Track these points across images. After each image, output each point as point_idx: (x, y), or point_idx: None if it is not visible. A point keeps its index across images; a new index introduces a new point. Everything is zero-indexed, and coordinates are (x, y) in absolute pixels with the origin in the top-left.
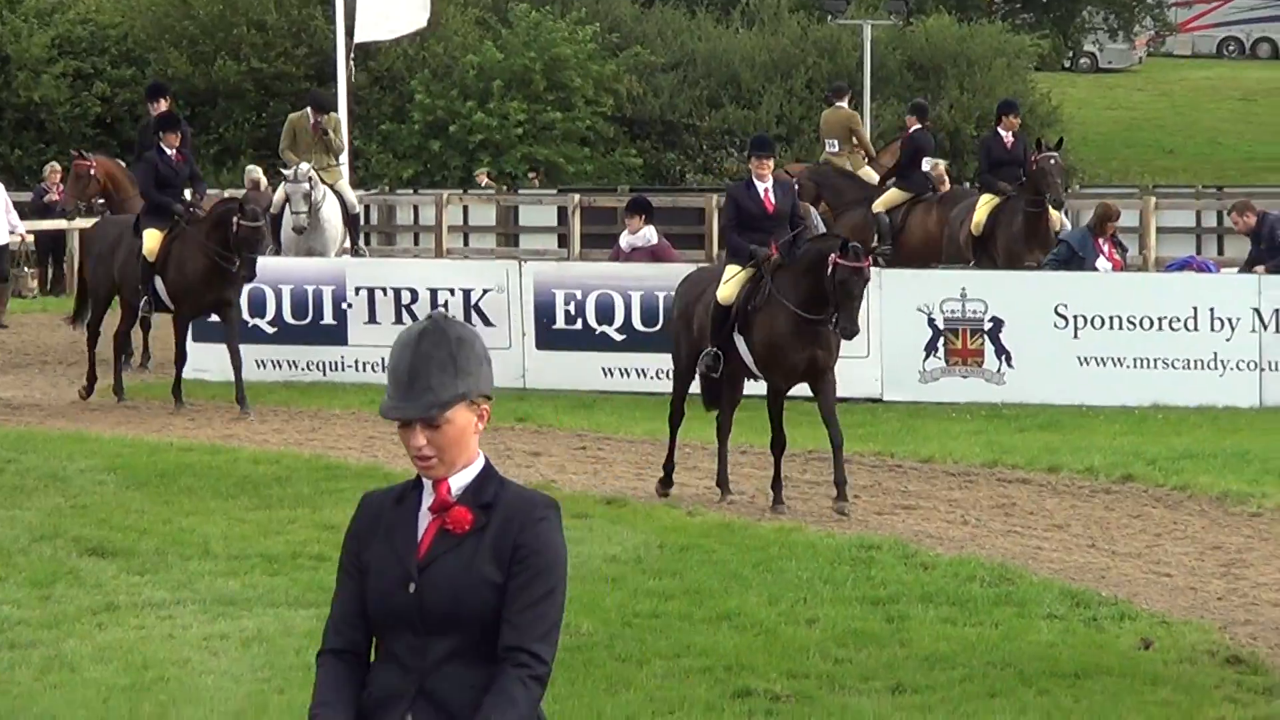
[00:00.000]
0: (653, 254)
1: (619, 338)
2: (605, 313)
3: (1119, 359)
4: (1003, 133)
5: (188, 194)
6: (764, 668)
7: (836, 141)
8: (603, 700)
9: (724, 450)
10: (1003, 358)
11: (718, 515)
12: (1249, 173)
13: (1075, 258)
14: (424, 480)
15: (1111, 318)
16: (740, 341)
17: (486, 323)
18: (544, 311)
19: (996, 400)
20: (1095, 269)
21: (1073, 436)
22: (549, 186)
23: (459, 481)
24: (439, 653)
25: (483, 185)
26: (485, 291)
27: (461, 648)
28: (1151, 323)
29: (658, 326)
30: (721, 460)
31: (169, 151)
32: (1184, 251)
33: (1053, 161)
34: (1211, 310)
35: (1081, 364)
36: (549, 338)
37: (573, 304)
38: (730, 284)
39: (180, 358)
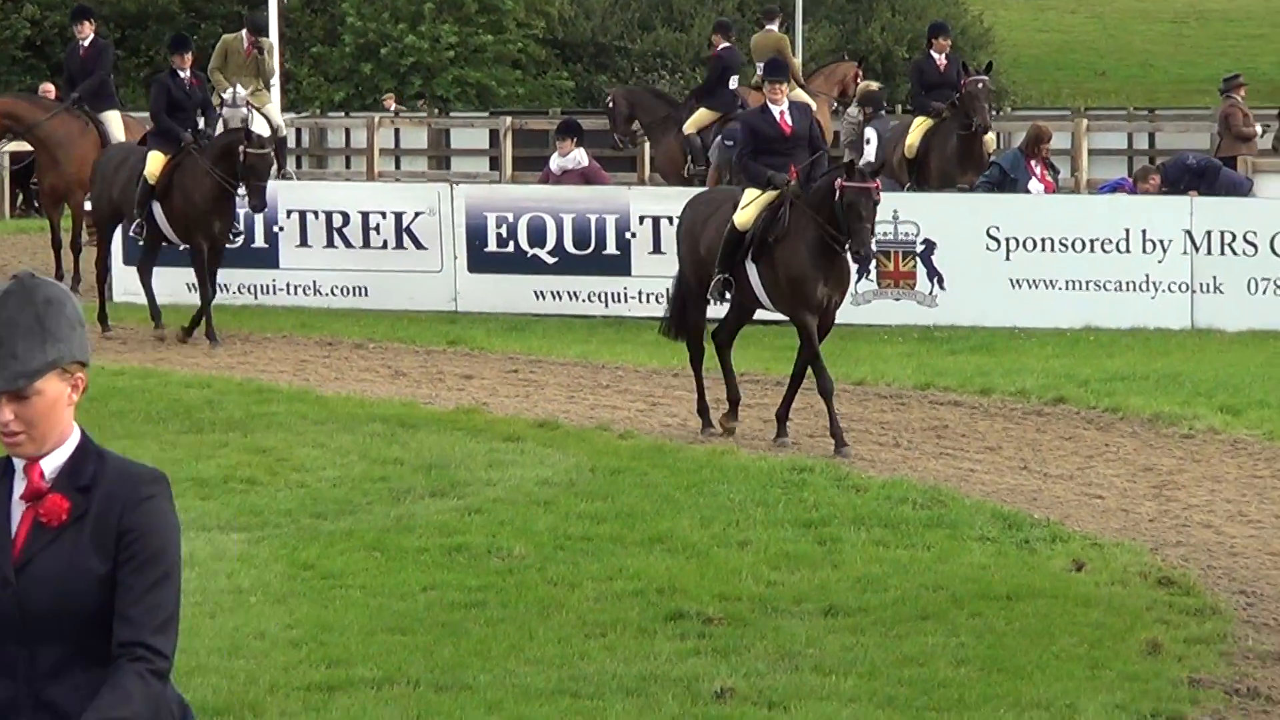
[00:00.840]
0: (584, 176)
1: (551, 260)
2: (537, 235)
3: (1051, 281)
4: (935, 55)
5: (200, 122)
6: (696, 590)
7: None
8: (535, 623)
9: (728, 367)
10: (935, 280)
11: (650, 438)
12: (1180, 95)
13: (1007, 180)
14: (14, 463)
15: (1043, 240)
16: (752, 270)
17: (418, 245)
18: (476, 234)
19: (929, 322)
20: (1027, 191)
21: (1005, 359)
22: (479, 109)
23: (52, 463)
24: (51, 659)
25: (390, 109)
26: (417, 214)
27: (76, 651)
28: (1083, 245)
29: (589, 249)
30: (729, 376)
31: (182, 74)
32: (1116, 174)
33: (980, 85)
34: (1143, 232)
35: (1014, 286)
36: (481, 260)
37: (504, 227)
38: (749, 209)
39: (206, 296)
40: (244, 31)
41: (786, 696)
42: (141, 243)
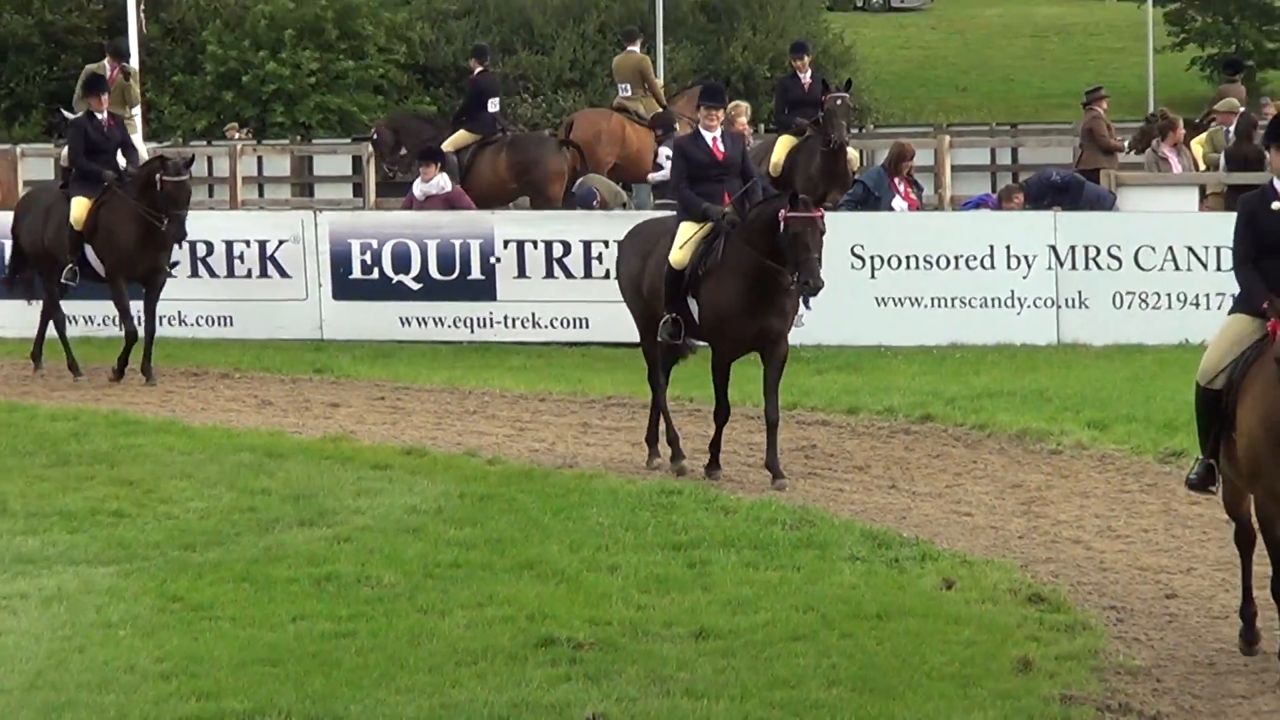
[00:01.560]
0: (447, 201)
1: (415, 286)
2: (401, 261)
3: (916, 299)
4: (800, 74)
5: (121, 161)
6: (567, 616)
7: (629, 85)
8: (405, 651)
9: (662, 410)
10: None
11: (518, 464)
12: (1042, 110)
13: (871, 198)
14: None
15: (908, 257)
16: (694, 306)
17: (283, 274)
18: (340, 261)
19: (795, 342)
20: (891, 209)
21: (872, 377)
22: (342, 136)
23: None
24: None
25: (233, 139)
26: (281, 242)
27: None
28: (948, 261)
29: (454, 275)
30: (654, 421)
31: (99, 115)
32: (979, 189)
33: (839, 102)
34: (1008, 248)
35: (879, 304)
36: (346, 288)
37: (369, 253)
38: (685, 248)
39: (142, 330)
40: (106, 60)
41: None
42: (72, 284)
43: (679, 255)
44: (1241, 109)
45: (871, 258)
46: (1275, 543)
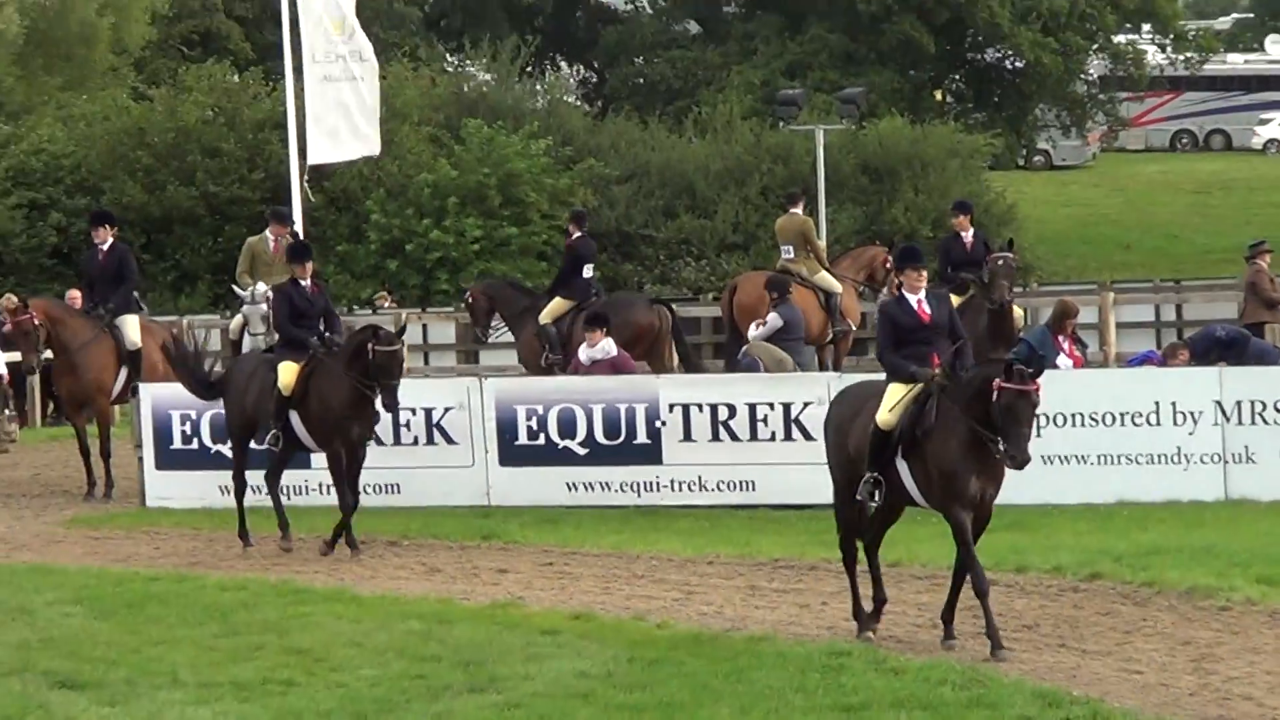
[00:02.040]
0: (613, 366)
1: (582, 451)
2: (567, 427)
3: (1083, 456)
4: (961, 233)
5: (324, 329)
6: None
7: (792, 247)
8: None
9: (856, 579)
10: None
11: (686, 627)
12: (1206, 265)
13: (1036, 356)
14: None
15: (1074, 415)
16: (903, 467)
17: (449, 441)
18: (506, 428)
19: None
20: (1056, 367)
21: (1039, 535)
22: (446, 305)
23: None
24: None
25: (385, 306)
26: (447, 410)
27: None
28: (1114, 418)
29: (620, 439)
30: (875, 582)
31: (303, 283)
32: (1144, 346)
33: (1001, 262)
34: (1174, 404)
35: (1046, 463)
36: (512, 454)
37: (534, 419)
38: (894, 410)
39: (346, 504)
40: (268, 231)
41: None
42: (276, 450)
43: (887, 417)
44: None
45: (1037, 415)
46: None
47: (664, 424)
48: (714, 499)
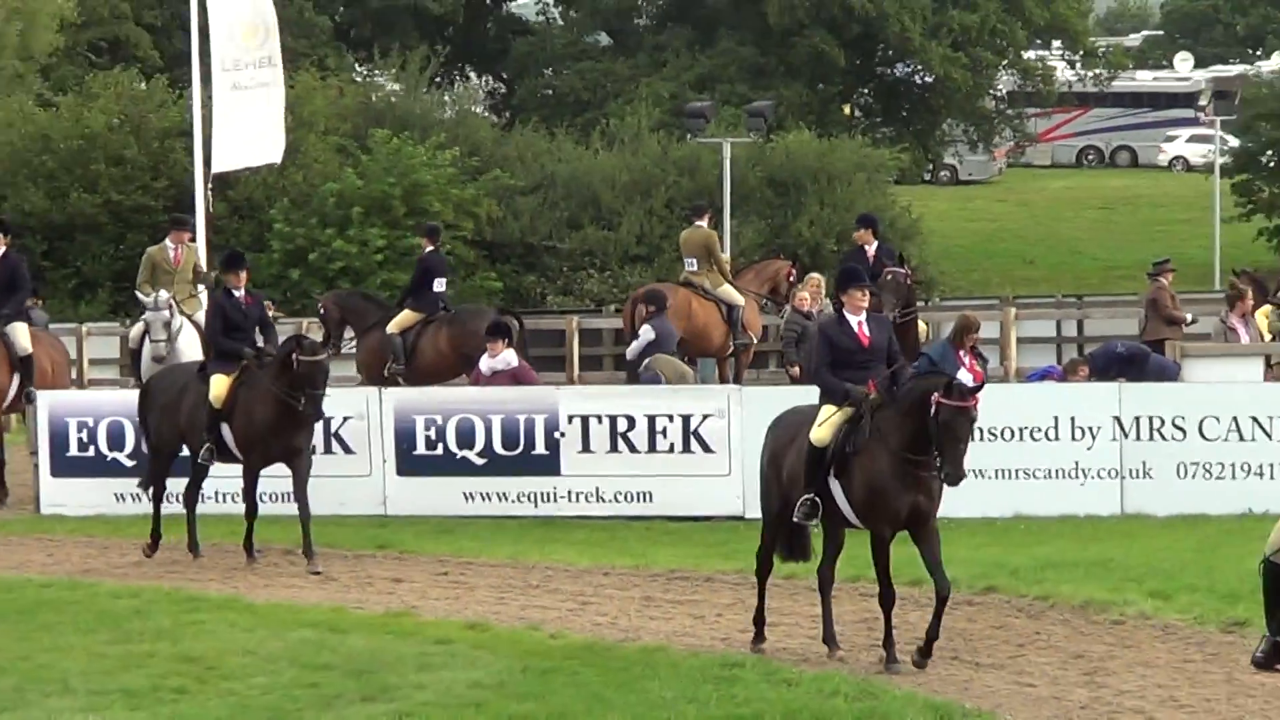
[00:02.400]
0: (513, 377)
1: (480, 462)
2: (466, 437)
3: (980, 470)
4: (865, 247)
5: (260, 341)
6: None
7: (696, 260)
8: None
9: (828, 604)
10: None
11: (581, 637)
12: (1109, 281)
13: (935, 370)
14: None
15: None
16: (837, 487)
17: (347, 450)
18: (404, 437)
19: None
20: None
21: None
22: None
23: None
24: None
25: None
26: (345, 419)
27: None
28: (1013, 433)
29: (518, 450)
30: (826, 615)
31: (237, 293)
32: (1045, 361)
33: (889, 277)
34: (1073, 419)
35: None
36: (410, 463)
37: (433, 429)
38: (825, 426)
39: (251, 510)
40: (168, 240)
41: None
42: (208, 464)
43: (820, 433)
44: None
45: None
46: None
47: (563, 435)
48: (611, 510)
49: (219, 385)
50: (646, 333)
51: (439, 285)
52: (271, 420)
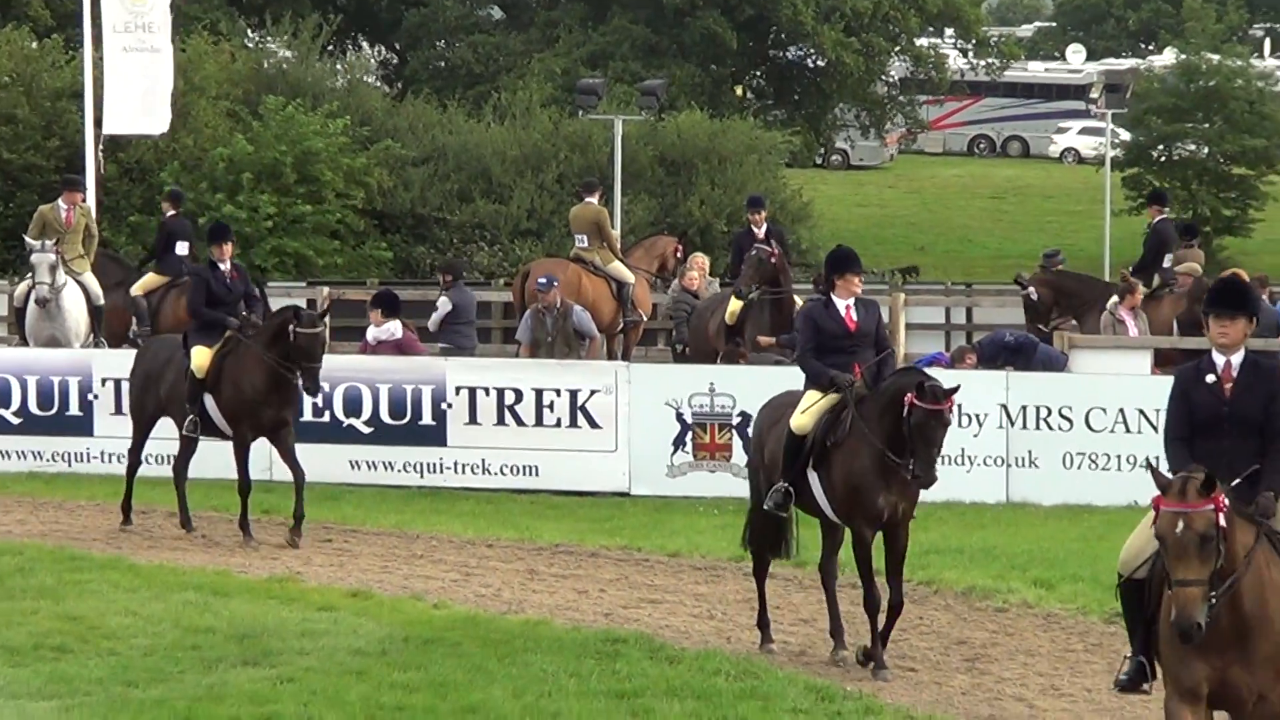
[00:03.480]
0: (398, 347)
1: (366, 430)
2: (353, 405)
3: None
4: (755, 229)
5: (246, 314)
6: None
7: (585, 236)
8: None
9: (833, 599)
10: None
11: (463, 608)
12: (999, 270)
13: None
14: None
15: None
16: (814, 479)
17: None
18: None
19: (744, 494)
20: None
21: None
22: (297, 279)
23: None
24: None
25: None
26: None
27: None
28: None
29: (405, 420)
30: (832, 609)
31: (222, 266)
32: (933, 348)
33: (754, 252)
34: (959, 407)
35: None
36: (296, 430)
37: (320, 396)
38: (808, 414)
39: (243, 486)
40: (60, 200)
41: None
42: (194, 436)
43: (801, 420)
44: (1200, 273)
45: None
46: None
47: (450, 406)
48: (497, 482)
49: (201, 356)
50: (444, 304)
51: (182, 249)
52: (262, 391)
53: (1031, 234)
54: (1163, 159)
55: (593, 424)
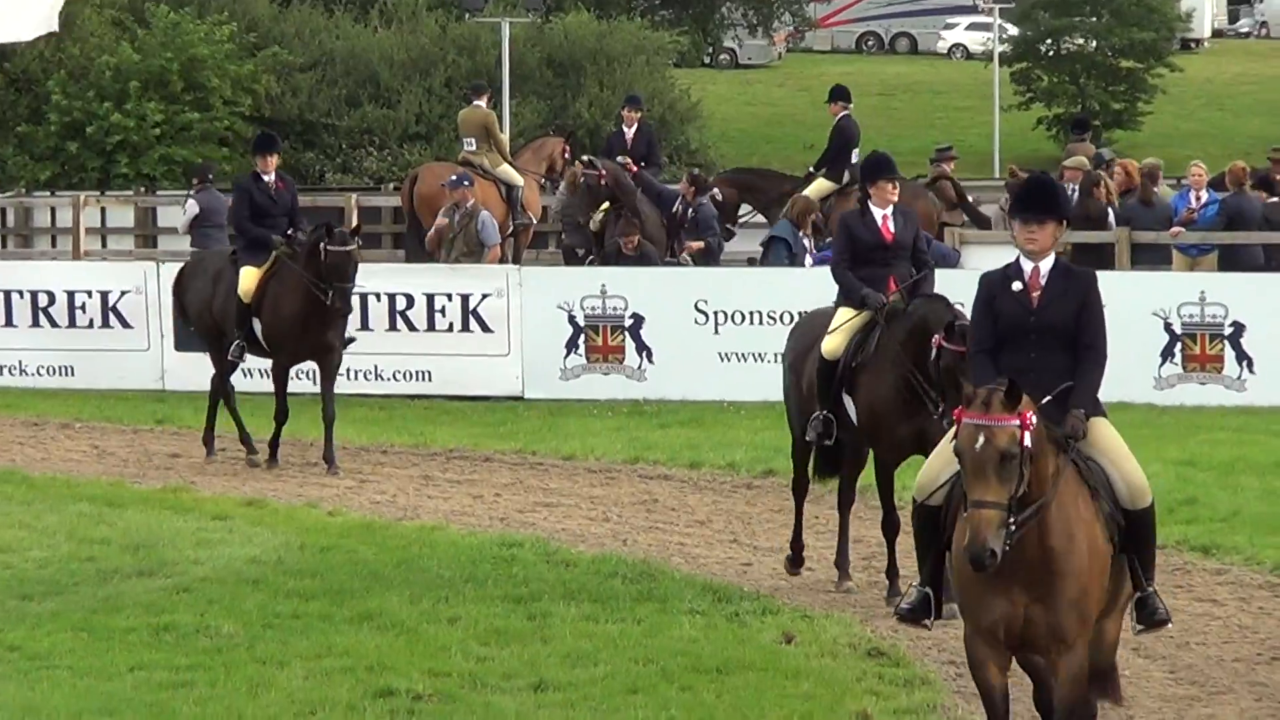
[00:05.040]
0: None
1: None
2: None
3: (759, 354)
4: (625, 128)
5: (290, 229)
6: (406, 667)
7: (474, 140)
8: (243, 702)
9: (845, 527)
10: (644, 354)
11: (359, 515)
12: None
13: (791, 253)
14: None
15: (751, 313)
16: (849, 404)
17: (125, 324)
18: None
19: (638, 396)
20: (805, 265)
21: (714, 432)
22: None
23: None
24: None
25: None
26: (123, 293)
27: None
28: (791, 317)
29: None
30: (842, 538)
31: (266, 177)
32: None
33: (581, 180)
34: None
35: (722, 359)
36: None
37: None
38: (837, 334)
39: (280, 413)
40: None
41: None
42: (238, 361)
43: (831, 343)
44: (1089, 167)
45: (715, 313)
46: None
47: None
48: (390, 388)
49: (248, 278)
50: (191, 207)
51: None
52: (301, 315)
53: (921, 131)
54: (1051, 53)
55: (485, 328)
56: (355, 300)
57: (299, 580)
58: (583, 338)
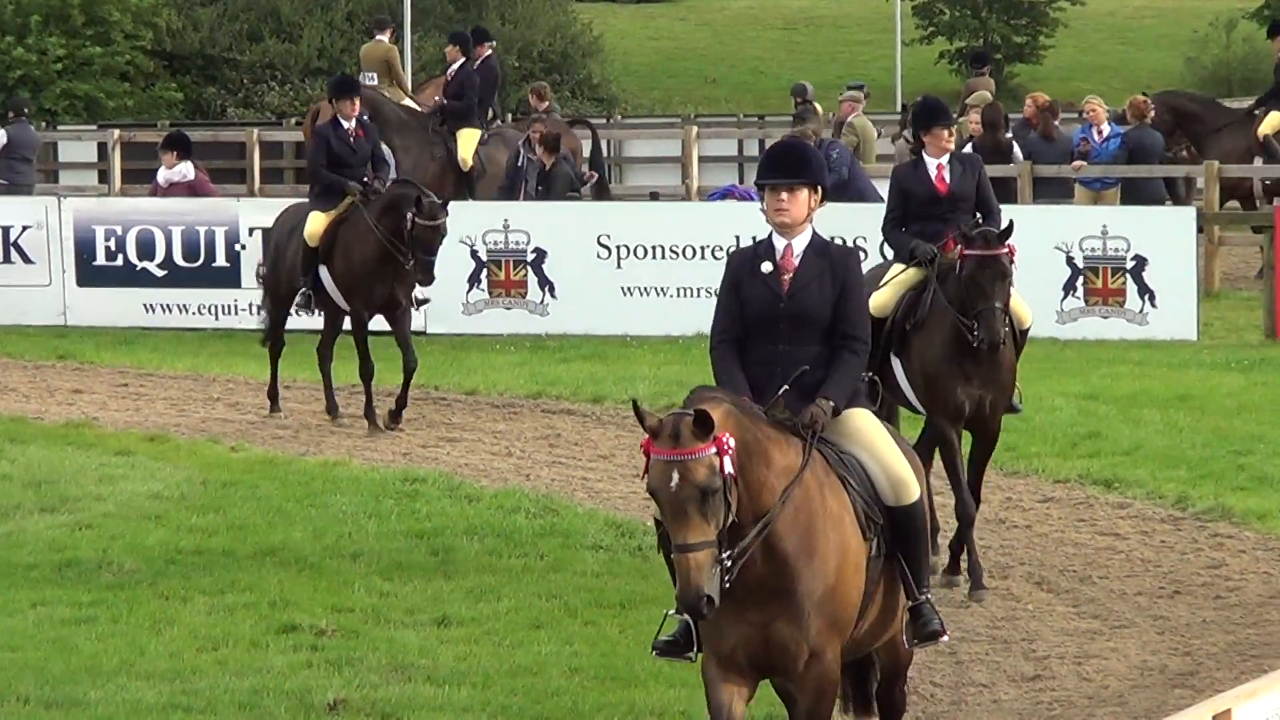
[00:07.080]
0: (190, 189)
1: (160, 273)
2: (146, 248)
3: (662, 289)
4: (452, 65)
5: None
6: (309, 603)
7: (375, 75)
8: (146, 638)
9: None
10: (546, 289)
11: (261, 450)
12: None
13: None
14: None
15: (654, 247)
16: (898, 366)
17: (26, 260)
18: (84, 248)
19: (540, 331)
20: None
21: (616, 366)
22: (88, 122)
23: None
24: None
25: None
26: (25, 228)
27: None
28: (694, 251)
29: (199, 262)
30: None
31: (346, 124)
32: (726, 180)
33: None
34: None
35: (625, 294)
36: (90, 274)
37: (113, 240)
38: (887, 289)
39: (365, 371)
40: None
41: (399, 708)
42: (311, 314)
43: (880, 299)
44: (991, 100)
45: (617, 248)
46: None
47: (244, 248)
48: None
49: (315, 222)
50: (0, 137)
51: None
52: (372, 263)
53: (824, 64)
54: None
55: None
56: (257, 237)
57: (201, 516)
58: (485, 272)
